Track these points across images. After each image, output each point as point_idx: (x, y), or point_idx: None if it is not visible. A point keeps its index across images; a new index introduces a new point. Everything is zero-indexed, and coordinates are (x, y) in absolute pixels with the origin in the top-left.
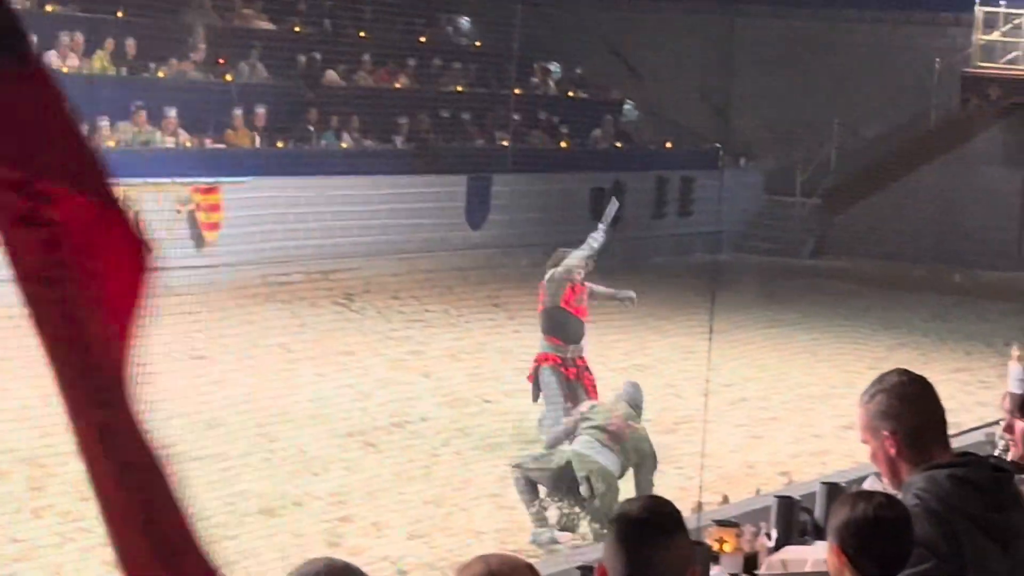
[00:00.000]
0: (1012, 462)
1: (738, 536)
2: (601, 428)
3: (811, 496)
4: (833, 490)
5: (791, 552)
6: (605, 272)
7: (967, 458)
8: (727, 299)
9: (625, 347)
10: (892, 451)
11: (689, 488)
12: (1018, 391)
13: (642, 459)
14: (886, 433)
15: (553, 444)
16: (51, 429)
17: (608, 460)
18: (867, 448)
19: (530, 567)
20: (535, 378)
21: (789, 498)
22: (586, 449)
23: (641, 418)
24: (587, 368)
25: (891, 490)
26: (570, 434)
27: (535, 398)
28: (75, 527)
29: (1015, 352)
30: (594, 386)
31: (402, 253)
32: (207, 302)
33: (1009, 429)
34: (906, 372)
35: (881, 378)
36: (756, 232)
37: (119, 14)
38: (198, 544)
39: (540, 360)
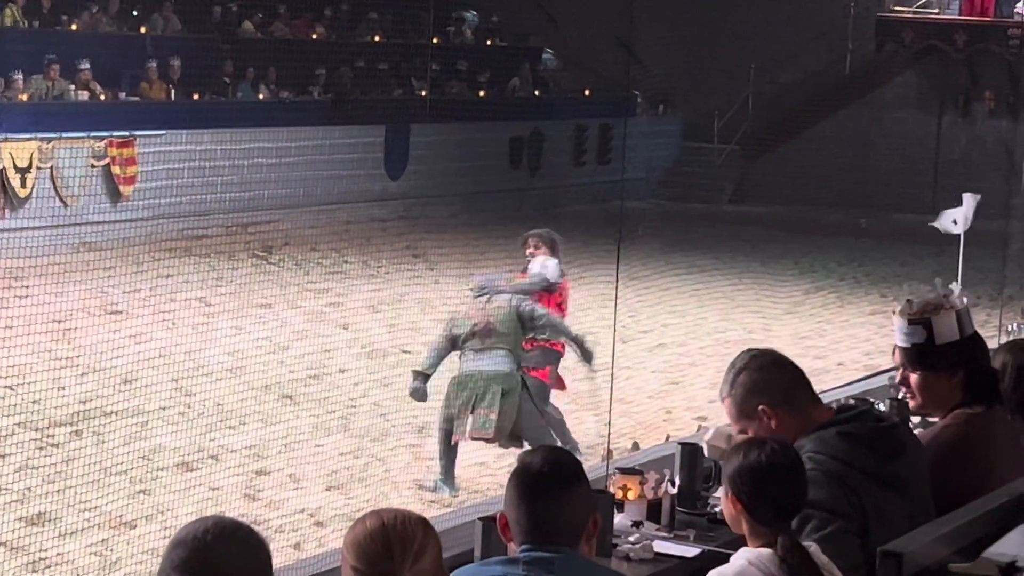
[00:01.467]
0: (900, 410)
1: (642, 484)
2: (471, 334)
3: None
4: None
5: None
6: (524, 220)
7: (849, 413)
8: (645, 246)
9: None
10: (773, 423)
11: (605, 434)
12: (905, 344)
13: (535, 326)
14: (762, 407)
15: (431, 365)
16: None
17: (491, 362)
18: (748, 435)
19: (423, 520)
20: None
21: (693, 445)
22: (468, 367)
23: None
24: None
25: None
26: (442, 355)
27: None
28: None
29: (895, 307)
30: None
31: (321, 205)
32: (123, 256)
33: (904, 382)
34: (752, 349)
35: (731, 365)
36: (674, 179)
37: None
38: None
39: None
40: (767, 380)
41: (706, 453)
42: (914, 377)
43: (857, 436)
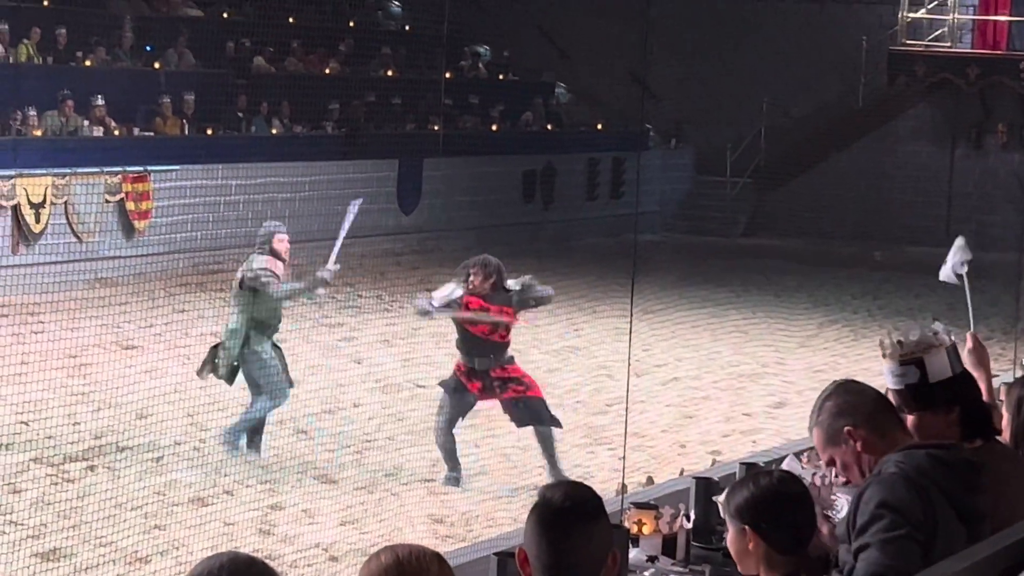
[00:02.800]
0: None
1: (657, 518)
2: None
3: (731, 477)
4: (752, 470)
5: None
6: (537, 254)
7: (943, 442)
8: (659, 280)
9: (558, 329)
10: (858, 446)
11: (620, 468)
12: (898, 387)
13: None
14: (847, 429)
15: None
16: None
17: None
18: (837, 466)
19: (438, 556)
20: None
21: (708, 479)
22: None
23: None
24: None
25: (803, 469)
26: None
27: None
28: (4, 520)
29: (885, 350)
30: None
31: (334, 239)
32: (138, 291)
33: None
34: (836, 380)
35: (822, 393)
36: (688, 212)
37: (45, 3)
38: None
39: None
40: (851, 403)
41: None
42: (911, 418)
43: (946, 461)
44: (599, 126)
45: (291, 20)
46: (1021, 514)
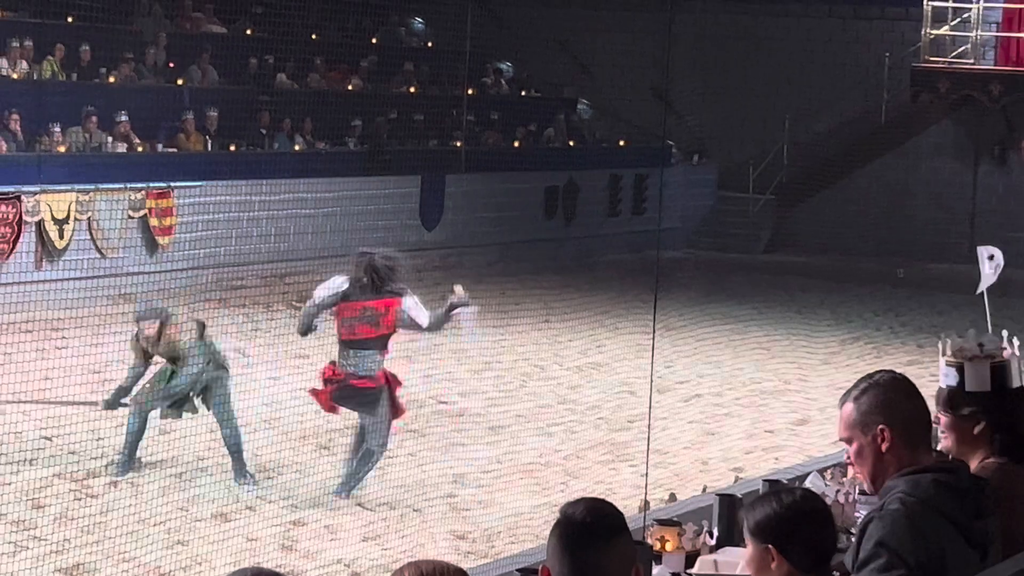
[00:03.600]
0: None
1: (680, 535)
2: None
3: (754, 494)
4: (775, 487)
5: (726, 553)
6: (559, 270)
7: (950, 463)
8: (681, 296)
9: (580, 345)
10: (884, 446)
11: (642, 485)
12: (941, 384)
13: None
14: (880, 427)
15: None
16: (3, 438)
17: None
18: (851, 447)
19: (462, 572)
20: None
21: (731, 496)
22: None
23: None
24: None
25: (827, 486)
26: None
27: None
28: (28, 535)
29: (943, 350)
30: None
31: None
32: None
33: (938, 421)
34: (894, 372)
35: (869, 376)
36: (710, 228)
37: (69, 20)
38: None
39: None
40: (899, 405)
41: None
42: (944, 419)
43: (951, 487)
44: (621, 142)
45: (314, 37)
46: None
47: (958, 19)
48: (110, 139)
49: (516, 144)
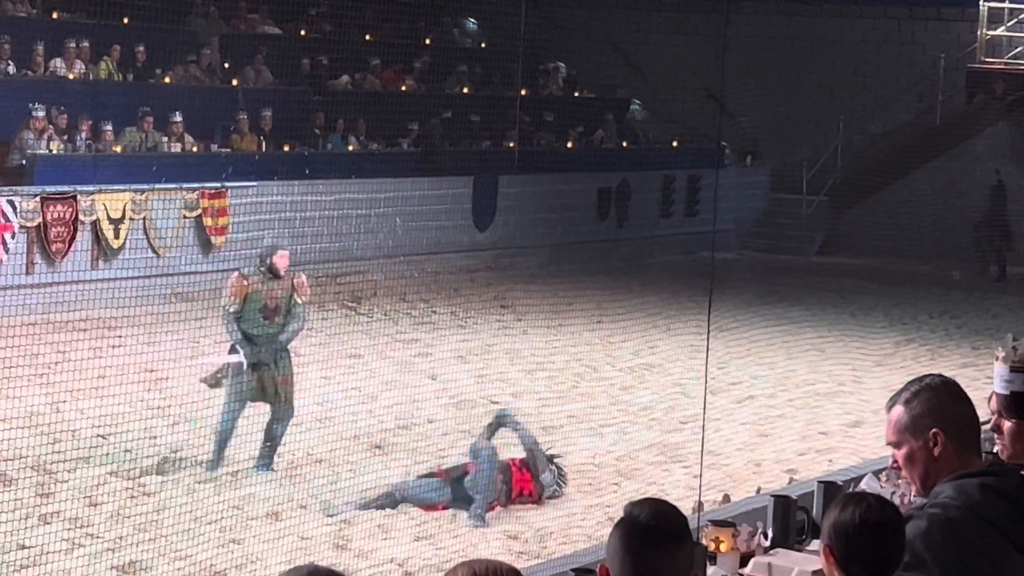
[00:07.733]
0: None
1: (734, 536)
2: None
3: (809, 495)
4: (830, 489)
5: (780, 557)
6: (612, 272)
7: (997, 467)
8: (734, 297)
9: (632, 346)
10: (936, 450)
11: (695, 486)
12: (1003, 391)
13: None
14: (933, 431)
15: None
16: (59, 436)
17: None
18: (900, 451)
19: (515, 572)
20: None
21: (786, 497)
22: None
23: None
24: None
25: (882, 488)
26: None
27: None
28: (83, 533)
29: (999, 352)
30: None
31: (409, 255)
32: (214, 306)
33: (997, 429)
34: (943, 375)
35: (919, 379)
36: (763, 230)
37: (125, 21)
38: None
39: None
40: (952, 410)
41: None
42: (1008, 425)
43: (998, 490)
44: (674, 143)
45: (368, 38)
46: None
47: (1014, 20)
48: (165, 139)
49: (569, 145)
